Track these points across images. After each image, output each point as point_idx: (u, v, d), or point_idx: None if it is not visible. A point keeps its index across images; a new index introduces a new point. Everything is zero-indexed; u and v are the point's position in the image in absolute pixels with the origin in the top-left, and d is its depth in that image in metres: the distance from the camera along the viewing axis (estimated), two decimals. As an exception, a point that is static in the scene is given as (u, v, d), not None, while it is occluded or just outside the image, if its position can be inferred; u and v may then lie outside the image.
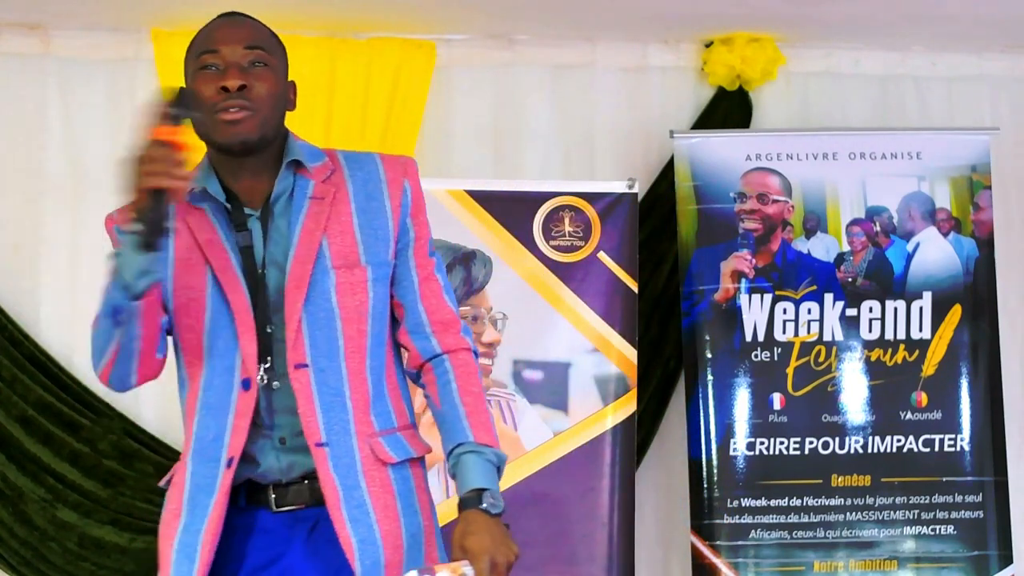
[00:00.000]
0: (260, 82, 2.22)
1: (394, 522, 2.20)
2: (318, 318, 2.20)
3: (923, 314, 4.26)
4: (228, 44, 2.24)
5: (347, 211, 2.25)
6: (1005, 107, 4.77)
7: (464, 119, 4.56)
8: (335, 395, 2.20)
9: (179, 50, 4.64)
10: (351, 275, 2.22)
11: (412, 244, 2.30)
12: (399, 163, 2.33)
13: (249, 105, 2.19)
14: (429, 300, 2.30)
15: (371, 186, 2.28)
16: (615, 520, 4.01)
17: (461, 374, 2.28)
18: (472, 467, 2.20)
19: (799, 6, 4.27)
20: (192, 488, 2.20)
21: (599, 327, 4.07)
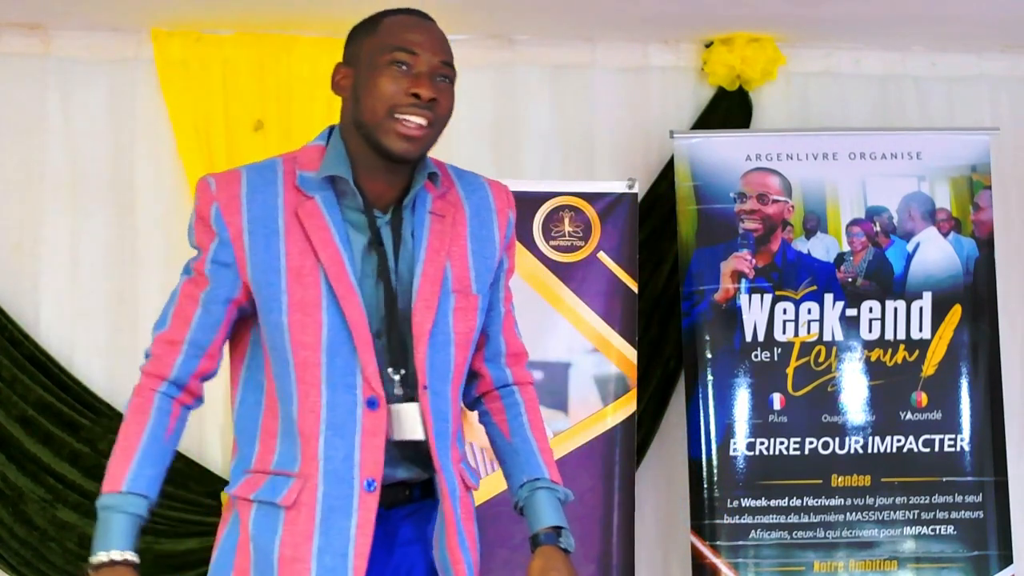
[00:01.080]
0: (444, 99, 2.19)
1: (475, 551, 2.25)
2: (438, 341, 2.17)
3: (923, 314, 4.26)
4: (428, 50, 2.18)
5: (463, 234, 2.23)
6: (1005, 107, 4.77)
7: (464, 119, 4.55)
8: (443, 421, 2.19)
9: (179, 50, 4.65)
10: (466, 301, 2.21)
11: (504, 276, 2.31)
12: (504, 193, 2.33)
13: (432, 120, 2.15)
14: (509, 332, 2.33)
15: (484, 213, 2.28)
16: (615, 520, 4.01)
17: (531, 408, 2.32)
18: (548, 504, 2.24)
19: (799, 6, 4.27)
20: (326, 510, 2.11)
21: (599, 327, 4.07)
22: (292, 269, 2.12)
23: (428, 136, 2.16)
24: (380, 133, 2.14)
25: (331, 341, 2.11)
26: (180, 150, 4.35)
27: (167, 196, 4.38)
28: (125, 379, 4.30)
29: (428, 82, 2.14)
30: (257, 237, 2.14)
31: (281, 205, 2.16)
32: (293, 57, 4.39)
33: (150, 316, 4.50)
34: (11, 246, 4.38)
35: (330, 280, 2.11)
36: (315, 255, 2.12)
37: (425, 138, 2.15)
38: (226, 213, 2.16)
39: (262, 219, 2.15)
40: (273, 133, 4.35)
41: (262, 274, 2.13)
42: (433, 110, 2.15)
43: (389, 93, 2.13)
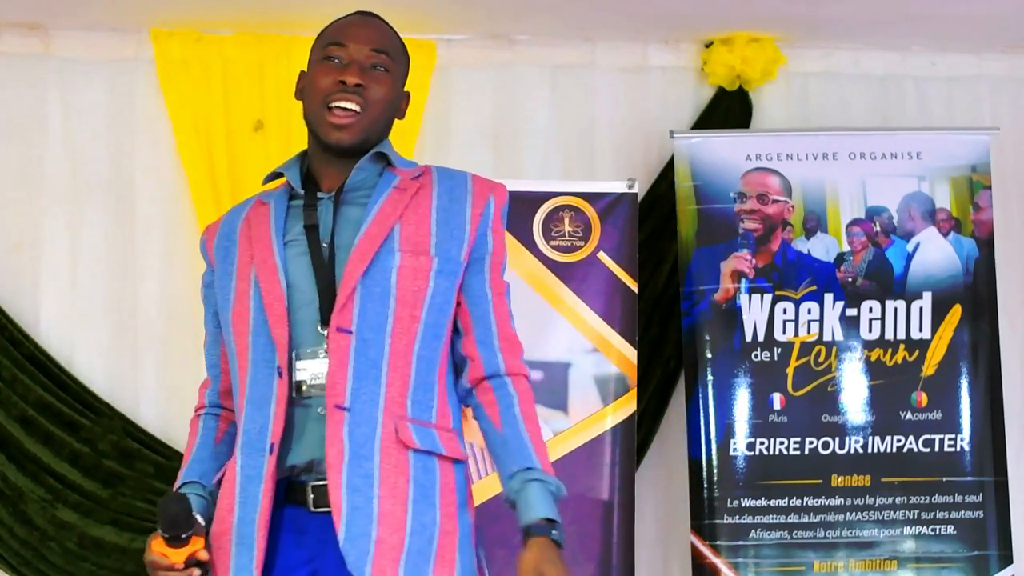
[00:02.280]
0: (377, 85, 2.28)
1: (400, 504, 2.16)
2: (373, 292, 2.20)
3: (923, 314, 4.25)
4: (356, 42, 2.29)
5: (428, 203, 2.28)
6: (1005, 107, 4.77)
7: (464, 119, 4.56)
8: (372, 366, 2.19)
9: (179, 50, 4.65)
10: (416, 261, 2.24)
11: (488, 258, 2.32)
12: (487, 183, 2.38)
13: (359, 107, 2.24)
14: (500, 316, 2.33)
15: (456, 192, 2.33)
16: (615, 520, 4.01)
17: (525, 400, 2.31)
18: (542, 496, 2.23)
19: (799, 6, 4.27)
20: (243, 480, 2.20)
21: (599, 327, 4.07)
22: (239, 269, 2.28)
23: (361, 123, 2.25)
24: (317, 126, 2.27)
25: (254, 323, 2.23)
26: (180, 150, 4.35)
27: (167, 196, 4.38)
28: (125, 379, 4.36)
29: (355, 70, 2.26)
30: (221, 250, 2.33)
31: (242, 218, 2.34)
32: (293, 57, 4.39)
33: (150, 316, 4.54)
34: (11, 246, 4.38)
35: (256, 269, 2.24)
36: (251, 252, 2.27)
37: (357, 125, 2.25)
38: (208, 242, 2.39)
39: (227, 234, 2.34)
40: (273, 133, 4.35)
41: (220, 280, 2.31)
42: (361, 95, 2.25)
43: (321, 85, 2.26)
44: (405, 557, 2.14)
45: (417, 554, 2.16)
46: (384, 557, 2.12)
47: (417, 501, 2.18)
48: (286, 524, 2.20)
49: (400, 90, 2.36)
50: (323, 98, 2.25)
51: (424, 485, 2.19)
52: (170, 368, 4.32)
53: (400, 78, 2.36)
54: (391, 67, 2.31)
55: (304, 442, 2.20)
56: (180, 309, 4.30)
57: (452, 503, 2.23)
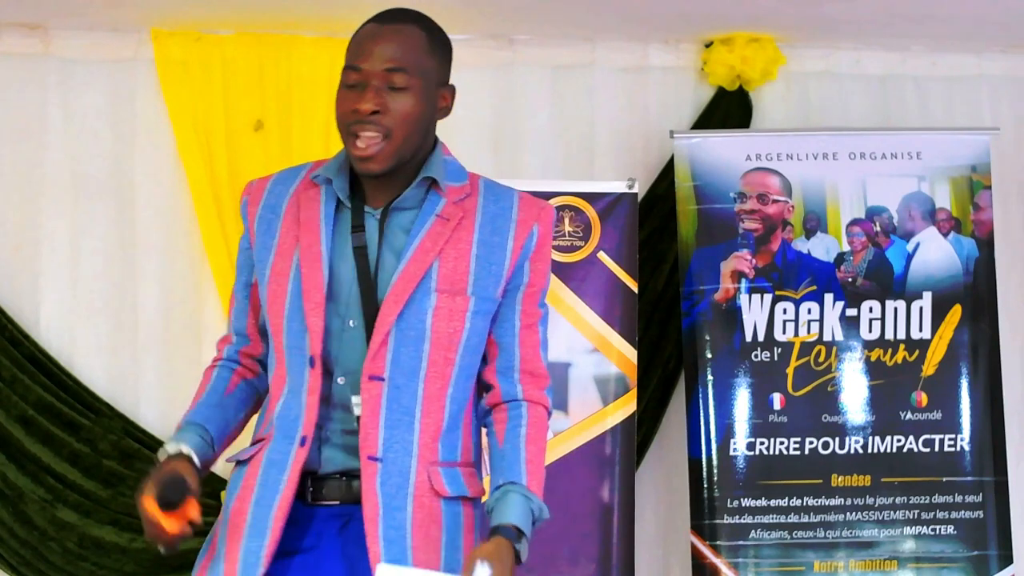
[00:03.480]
0: (398, 105, 2.16)
1: (434, 553, 2.15)
2: (408, 336, 2.16)
3: (923, 314, 4.26)
4: (369, 62, 2.17)
5: (468, 238, 2.21)
6: (1005, 107, 4.77)
7: (464, 119, 4.55)
8: (405, 413, 2.16)
9: (179, 50, 4.66)
10: (452, 302, 2.18)
11: (523, 288, 2.25)
12: (536, 206, 2.28)
13: (380, 133, 2.15)
14: (527, 348, 2.27)
15: (500, 221, 2.24)
16: (615, 520, 4.01)
17: (534, 423, 2.25)
18: (519, 507, 2.16)
19: (799, 6, 4.27)
20: (267, 464, 2.18)
21: (599, 327, 4.07)
22: (280, 246, 2.23)
23: (386, 150, 2.16)
24: (348, 152, 2.21)
25: (290, 307, 2.19)
26: (180, 150, 4.35)
27: (167, 196, 4.37)
28: (125, 379, 4.36)
29: (370, 94, 2.15)
30: (263, 222, 2.27)
31: (290, 193, 2.28)
32: (293, 57, 4.39)
33: (150, 315, 4.55)
34: (11, 246, 4.38)
35: (300, 253, 2.20)
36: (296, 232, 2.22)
37: (382, 153, 2.16)
38: (250, 204, 2.30)
39: (273, 206, 2.27)
40: (273, 133, 4.35)
41: (259, 252, 2.26)
42: (379, 121, 2.15)
43: (341, 114, 2.20)
44: None
45: None
46: None
47: (447, 547, 2.18)
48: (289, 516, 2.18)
49: (435, 93, 2.22)
50: (345, 126, 2.17)
51: (452, 530, 2.19)
52: (170, 368, 4.32)
53: (432, 83, 2.21)
54: (413, 81, 2.17)
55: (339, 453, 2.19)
56: (180, 309, 4.30)
57: (471, 544, 2.22)
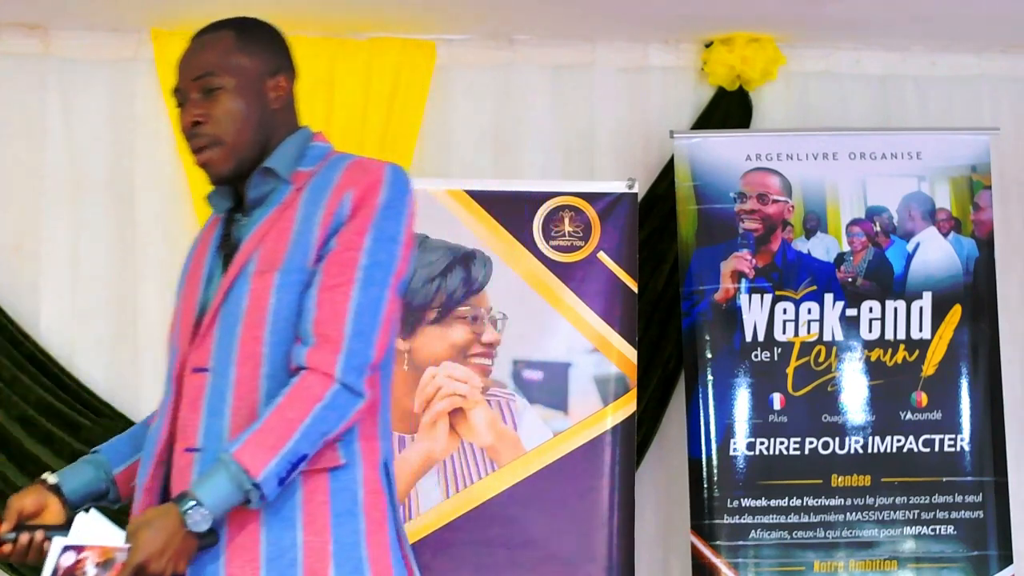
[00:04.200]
0: (216, 109, 2.20)
1: (252, 534, 2.08)
2: (227, 324, 2.16)
3: (923, 314, 4.25)
4: (182, 80, 2.27)
5: (292, 216, 2.19)
6: (1005, 107, 4.77)
7: (464, 119, 4.56)
8: (219, 400, 2.14)
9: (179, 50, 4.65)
10: (263, 281, 2.15)
11: (331, 251, 2.15)
12: (359, 169, 2.22)
13: (207, 140, 2.20)
14: (324, 310, 2.13)
15: (319, 193, 2.20)
16: (615, 520, 4.01)
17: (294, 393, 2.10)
18: (209, 474, 2.05)
19: (799, 6, 4.27)
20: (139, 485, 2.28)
21: (599, 327, 4.07)
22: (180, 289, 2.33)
23: (220, 154, 2.20)
24: None
25: (171, 340, 2.27)
26: (180, 150, 4.34)
27: (167, 196, 4.37)
28: (125, 379, 4.36)
29: (189, 108, 2.22)
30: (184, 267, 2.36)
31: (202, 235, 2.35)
32: (293, 57, 4.39)
33: (150, 316, 4.55)
34: (11, 246, 4.38)
35: (184, 289, 2.28)
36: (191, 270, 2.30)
37: (218, 157, 2.20)
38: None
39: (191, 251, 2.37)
40: (273, 133, 4.34)
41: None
42: (203, 131, 2.20)
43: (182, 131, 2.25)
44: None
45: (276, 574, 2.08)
46: None
47: (271, 527, 2.09)
48: None
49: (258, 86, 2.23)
50: (187, 146, 2.24)
51: (279, 508, 2.09)
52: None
53: (249, 78, 2.23)
54: (223, 81, 2.21)
55: None
56: (180, 309, 4.30)
57: (323, 515, 2.11)
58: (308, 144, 2.27)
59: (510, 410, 4.03)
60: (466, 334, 4.03)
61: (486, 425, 4.00)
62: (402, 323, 3.98)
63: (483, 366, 4.02)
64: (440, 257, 4.03)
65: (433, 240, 4.04)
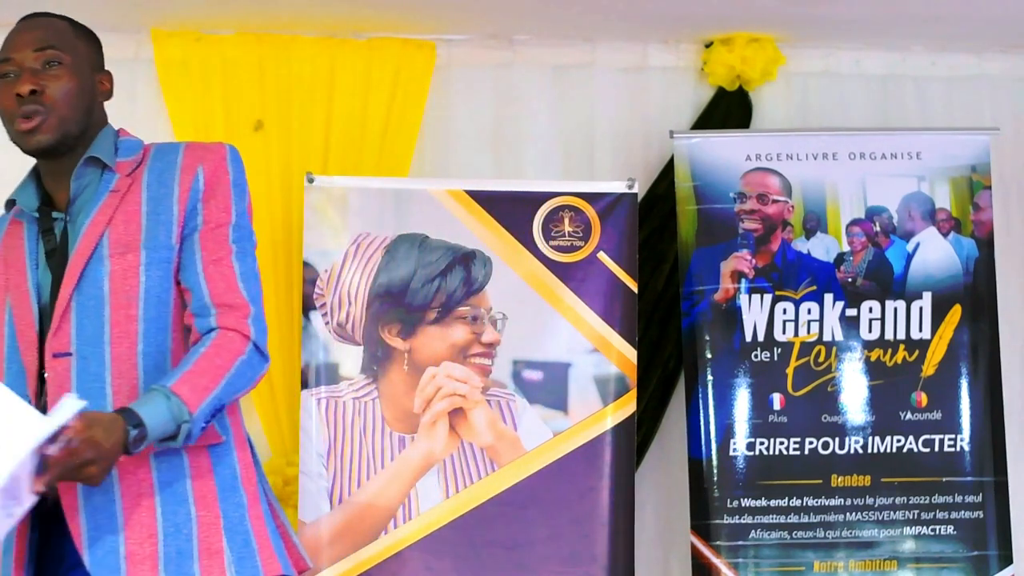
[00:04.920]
0: (54, 82, 2.25)
1: (147, 512, 2.11)
2: (87, 307, 2.18)
3: (923, 314, 4.25)
4: (19, 50, 2.26)
5: (137, 199, 2.24)
6: (1005, 107, 4.77)
7: (464, 119, 4.56)
8: (95, 381, 2.16)
9: (179, 50, 4.65)
10: (124, 261, 2.20)
11: (200, 228, 2.24)
12: (201, 149, 2.31)
13: (42, 109, 2.22)
14: (215, 283, 2.22)
15: (166, 174, 2.28)
16: (615, 520, 4.01)
17: (218, 343, 2.17)
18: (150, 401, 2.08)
19: (799, 6, 4.27)
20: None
21: (599, 327, 4.07)
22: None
23: (50, 122, 2.24)
24: (16, 141, 2.26)
25: (8, 351, 2.22)
26: (180, 149, 4.34)
27: (167, 196, 4.37)
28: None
29: (26, 76, 2.23)
30: None
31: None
32: (293, 57, 4.39)
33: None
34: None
35: (10, 296, 2.24)
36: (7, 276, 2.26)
37: (46, 123, 2.23)
38: None
39: None
40: (273, 133, 4.35)
41: None
42: (38, 101, 2.22)
43: (4, 106, 2.25)
44: (164, 565, 2.11)
45: (177, 556, 2.12)
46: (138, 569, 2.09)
47: (165, 502, 2.13)
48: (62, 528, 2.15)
49: (90, 73, 2.34)
50: (9, 116, 2.24)
51: (171, 483, 2.14)
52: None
53: (84, 62, 2.32)
54: (64, 58, 2.27)
55: None
56: (180, 309, 4.30)
57: (210, 490, 2.17)
58: (117, 138, 2.35)
59: (510, 410, 4.03)
60: (466, 334, 4.03)
61: (486, 425, 4.00)
62: (402, 323, 3.98)
63: (483, 366, 4.02)
64: (440, 257, 4.03)
65: (433, 240, 4.04)
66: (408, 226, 4.03)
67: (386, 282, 4.00)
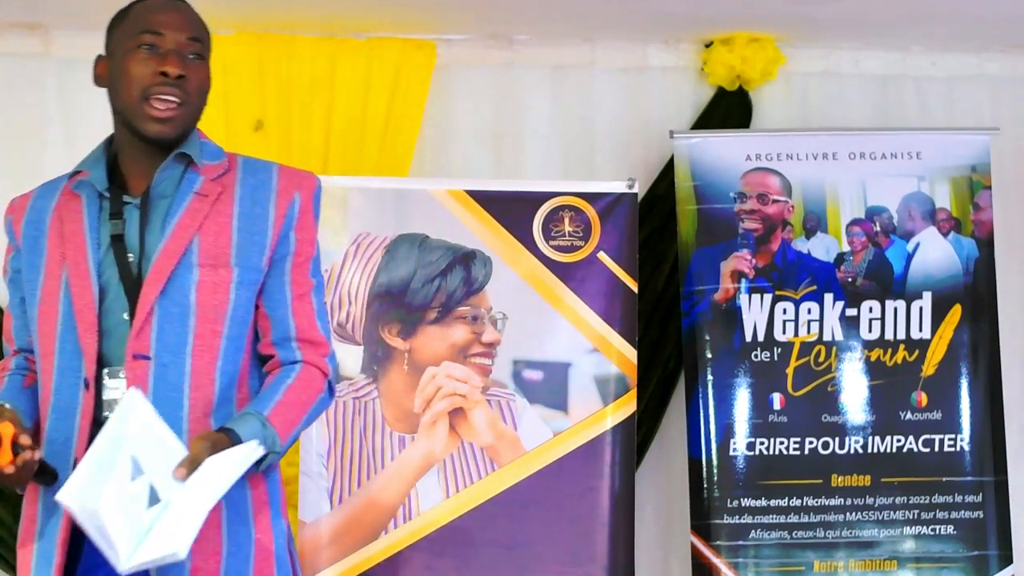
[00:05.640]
0: (196, 74, 2.23)
1: (213, 527, 2.13)
2: (171, 313, 2.17)
3: (923, 314, 4.25)
4: (173, 30, 2.22)
5: (229, 212, 2.23)
6: (1005, 107, 4.77)
7: (464, 119, 4.56)
8: (173, 390, 2.16)
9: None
10: (215, 274, 2.19)
11: (290, 258, 2.26)
12: (296, 175, 2.30)
13: (183, 98, 2.20)
14: (301, 318, 2.26)
15: (260, 193, 2.26)
16: (615, 520, 4.01)
17: (303, 378, 2.23)
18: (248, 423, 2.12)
19: (799, 6, 4.27)
20: (45, 493, 2.17)
21: (599, 327, 4.07)
22: (48, 266, 2.23)
23: (182, 115, 2.21)
24: (135, 118, 2.20)
25: (62, 329, 2.19)
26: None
27: (167, 196, 4.37)
28: (125, 379, 4.34)
29: (175, 59, 2.19)
30: (29, 240, 2.27)
31: (51, 208, 2.27)
32: (293, 57, 4.39)
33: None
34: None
35: (68, 271, 2.20)
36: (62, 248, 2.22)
37: (179, 117, 2.20)
38: (15, 223, 2.32)
39: (35, 222, 2.28)
40: (273, 133, 4.35)
41: (28, 273, 2.26)
42: (182, 87, 2.19)
43: (138, 75, 2.18)
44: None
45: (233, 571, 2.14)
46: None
47: (231, 521, 2.16)
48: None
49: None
50: (142, 89, 2.18)
51: (237, 502, 2.16)
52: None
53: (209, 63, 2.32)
54: (205, 54, 2.27)
55: None
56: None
57: (266, 516, 2.21)
58: (200, 139, 2.30)
59: (510, 410, 4.03)
60: (466, 334, 4.03)
61: (486, 425, 4.00)
62: (402, 323, 3.98)
63: (483, 366, 4.02)
64: (440, 257, 4.03)
65: (433, 240, 4.04)
66: (408, 226, 4.03)
67: (386, 282, 4.00)
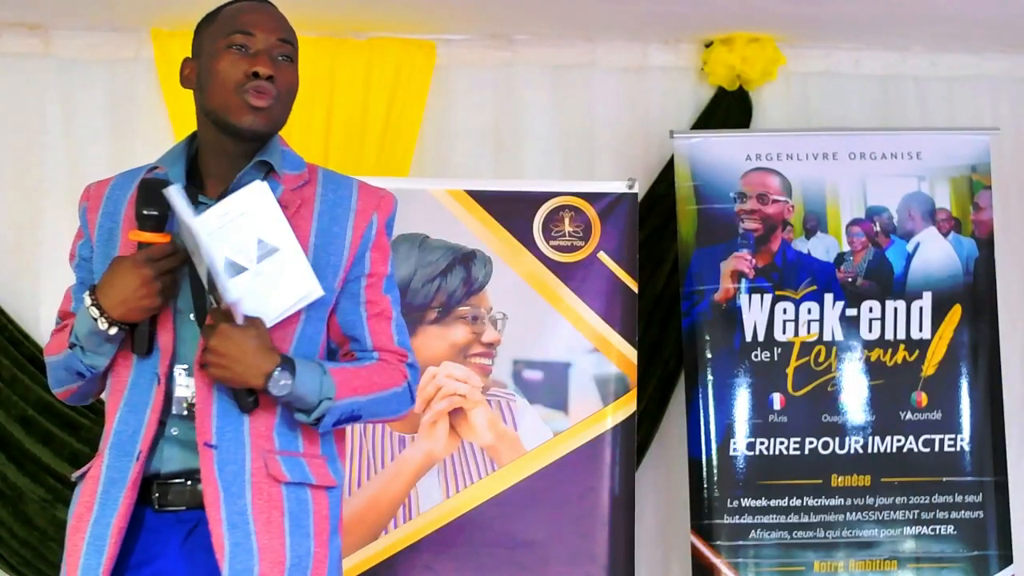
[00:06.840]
0: (284, 75, 2.22)
1: (277, 538, 2.15)
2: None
3: (923, 314, 4.25)
4: (264, 31, 2.22)
5: (306, 227, 2.23)
6: (1005, 107, 4.77)
7: (464, 119, 4.56)
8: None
9: (179, 50, 4.64)
10: None
11: (364, 279, 2.27)
12: (375, 195, 2.30)
13: (274, 96, 2.19)
14: (378, 336, 2.28)
15: (339, 210, 2.26)
16: (615, 520, 4.01)
17: (381, 366, 2.26)
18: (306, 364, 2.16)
19: (799, 6, 4.27)
20: (106, 482, 2.18)
21: (599, 327, 4.07)
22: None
23: (274, 112, 2.21)
24: (227, 112, 2.20)
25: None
26: (180, 150, 4.34)
27: (167, 196, 4.37)
28: (125, 379, 4.34)
29: (266, 59, 2.19)
30: (103, 231, 2.32)
31: (127, 200, 2.31)
32: (292, 57, 4.39)
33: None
34: (11, 246, 4.38)
35: None
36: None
37: (271, 112, 2.20)
38: (89, 211, 2.37)
39: (111, 214, 2.32)
40: (273, 133, 4.35)
41: (100, 262, 2.28)
42: (275, 87, 2.20)
43: (230, 75, 2.19)
44: None
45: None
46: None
47: (293, 533, 2.17)
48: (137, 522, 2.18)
49: None
50: (235, 87, 2.18)
51: (298, 516, 2.19)
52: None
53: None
54: (295, 56, 2.26)
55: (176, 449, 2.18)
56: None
57: (325, 531, 2.23)
58: (280, 147, 2.29)
59: (510, 410, 4.03)
60: (466, 334, 4.03)
61: (486, 425, 4.00)
62: (402, 323, 3.98)
63: (483, 366, 4.02)
64: (440, 257, 4.03)
65: (433, 240, 4.04)
66: (408, 226, 4.03)
67: (386, 282, 4.00)
